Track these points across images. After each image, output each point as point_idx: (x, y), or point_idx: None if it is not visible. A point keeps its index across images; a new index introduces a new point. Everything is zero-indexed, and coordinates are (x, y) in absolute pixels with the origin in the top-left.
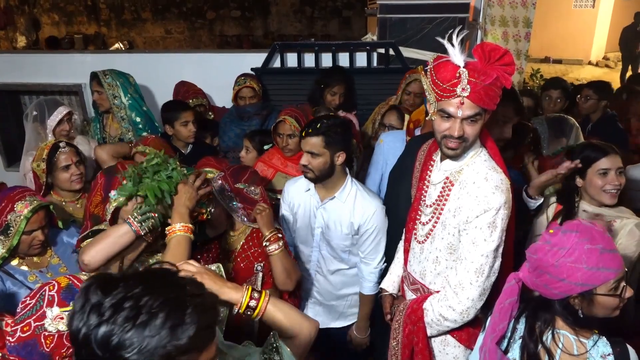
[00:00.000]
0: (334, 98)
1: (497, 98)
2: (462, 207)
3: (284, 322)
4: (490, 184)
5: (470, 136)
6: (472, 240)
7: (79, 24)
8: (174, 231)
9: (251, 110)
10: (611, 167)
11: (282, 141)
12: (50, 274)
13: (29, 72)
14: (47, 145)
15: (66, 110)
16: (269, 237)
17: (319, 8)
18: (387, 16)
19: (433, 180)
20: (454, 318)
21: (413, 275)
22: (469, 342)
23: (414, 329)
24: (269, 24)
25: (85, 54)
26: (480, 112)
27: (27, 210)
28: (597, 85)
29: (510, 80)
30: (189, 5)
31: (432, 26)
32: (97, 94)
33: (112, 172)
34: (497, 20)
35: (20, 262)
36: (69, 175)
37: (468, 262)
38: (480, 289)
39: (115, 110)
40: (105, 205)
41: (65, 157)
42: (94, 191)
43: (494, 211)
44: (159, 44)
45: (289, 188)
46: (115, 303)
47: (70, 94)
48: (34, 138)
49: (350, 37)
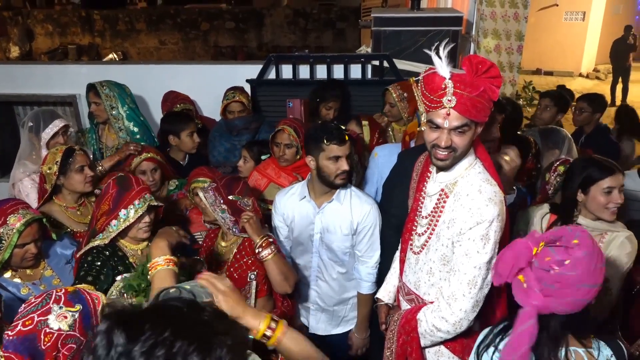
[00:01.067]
0: (329, 112)
1: (487, 110)
2: (455, 219)
3: (296, 353)
4: (483, 196)
5: (459, 147)
6: (465, 252)
7: (72, 35)
8: (156, 265)
9: (240, 124)
10: (615, 186)
11: (280, 150)
12: (43, 286)
13: (23, 83)
14: (59, 150)
15: (62, 123)
16: (260, 243)
17: (313, 20)
18: (381, 29)
19: (429, 191)
20: (447, 329)
21: (408, 286)
22: (462, 353)
23: (407, 339)
24: (262, 35)
25: (80, 64)
26: (467, 123)
27: (19, 224)
28: (592, 98)
29: (497, 92)
30: (183, 17)
31: (426, 39)
32: (95, 105)
33: (125, 186)
34: (489, 33)
35: (13, 274)
36: (83, 176)
37: (461, 273)
38: (472, 301)
39: (113, 121)
40: (109, 218)
41: (81, 158)
42: (104, 197)
43: (487, 223)
44: (153, 55)
45: (280, 199)
46: (147, 351)
47: (65, 105)
48: (27, 148)
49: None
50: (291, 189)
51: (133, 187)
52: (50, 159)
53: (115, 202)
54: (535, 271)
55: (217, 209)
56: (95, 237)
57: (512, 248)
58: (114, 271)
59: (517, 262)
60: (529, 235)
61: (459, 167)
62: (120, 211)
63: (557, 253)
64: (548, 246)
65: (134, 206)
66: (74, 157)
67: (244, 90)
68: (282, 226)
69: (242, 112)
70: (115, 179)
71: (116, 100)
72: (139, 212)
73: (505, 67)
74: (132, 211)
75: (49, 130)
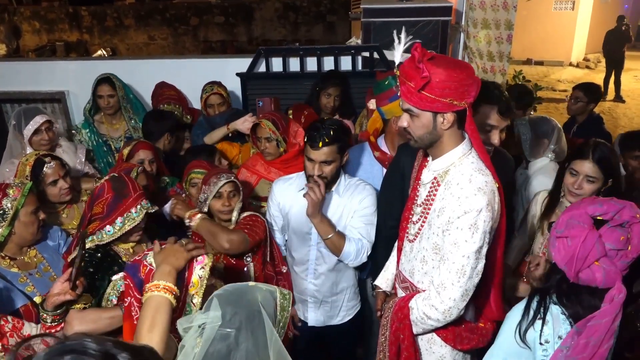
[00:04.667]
0: (329, 100)
1: (432, 102)
2: (445, 208)
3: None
4: (472, 186)
5: (414, 131)
6: (454, 241)
7: (60, 32)
8: (154, 289)
9: (220, 120)
10: (580, 172)
11: (261, 144)
12: (39, 275)
13: (11, 80)
14: (28, 161)
15: (42, 119)
16: (188, 215)
17: (303, 13)
18: (370, 20)
19: (423, 180)
20: (437, 317)
21: (403, 274)
22: (454, 342)
23: (400, 326)
24: (252, 29)
25: (68, 61)
26: (410, 109)
27: (20, 192)
28: (588, 87)
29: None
30: (172, 12)
31: (416, 29)
32: (109, 97)
33: (122, 193)
34: (479, 23)
35: (10, 263)
36: (57, 189)
37: (450, 262)
38: (462, 290)
39: (124, 112)
40: (104, 223)
41: (52, 172)
42: (98, 200)
43: (475, 212)
44: (143, 51)
45: (279, 188)
46: None
47: (54, 102)
48: (13, 147)
49: (335, 41)
50: (290, 178)
51: (130, 194)
52: (20, 172)
53: (111, 208)
54: (611, 253)
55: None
56: (86, 240)
57: (578, 241)
58: (109, 271)
59: (593, 253)
60: (582, 224)
61: (450, 155)
62: (116, 218)
63: (624, 231)
64: (613, 227)
65: (130, 214)
66: (44, 172)
67: (221, 84)
68: (277, 215)
69: (221, 104)
70: (111, 183)
71: (124, 91)
72: (136, 220)
73: (495, 57)
74: (128, 220)
75: (30, 127)
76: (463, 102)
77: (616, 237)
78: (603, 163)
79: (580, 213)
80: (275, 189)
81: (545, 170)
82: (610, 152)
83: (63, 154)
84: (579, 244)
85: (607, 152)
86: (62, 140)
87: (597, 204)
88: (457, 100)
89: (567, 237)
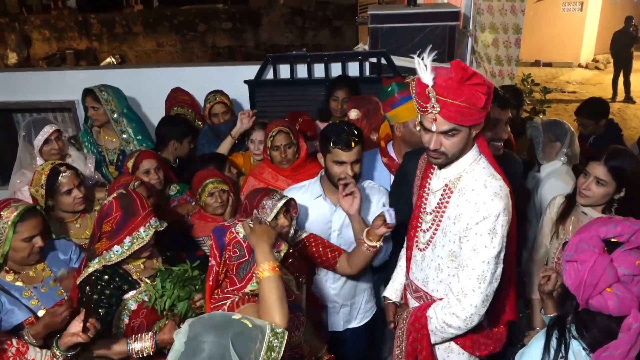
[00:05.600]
0: (337, 104)
1: (475, 115)
2: (461, 215)
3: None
4: (489, 191)
5: (448, 149)
6: (473, 247)
7: (70, 40)
8: (263, 272)
9: (225, 128)
10: (591, 173)
11: (280, 154)
12: (44, 289)
13: (21, 90)
14: (44, 170)
15: (52, 129)
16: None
17: (310, 18)
18: (378, 26)
19: (432, 187)
20: (458, 325)
21: (416, 283)
22: (472, 349)
23: (417, 337)
24: (260, 34)
25: (77, 70)
26: (455, 128)
27: (13, 216)
28: (588, 111)
29: (482, 99)
30: (180, 18)
31: (423, 34)
32: (93, 109)
33: (131, 211)
34: (487, 27)
35: (15, 278)
36: (72, 198)
37: (469, 269)
38: (483, 296)
39: (114, 125)
40: (112, 243)
41: (67, 181)
42: (107, 218)
43: (493, 217)
44: (151, 57)
45: (293, 196)
46: None
47: (63, 111)
48: (24, 157)
49: (342, 46)
50: (302, 186)
51: (139, 213)
52: (36, 181)
53: (120, 226)
54: (625, 278)
55: None
56: (92, 261)
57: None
58: (119, 292)
59: (604, 279)
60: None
61: (461, 162)
62: (125, 238)
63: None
64: (628, 250)
65: (139, 234)
66: (59, 181)
67: (223, 92)
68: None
69: (225, 113)
70: (119, 201)
71: (115, 103)
72: (144, 240)
73: (503, 61)
74: (137, 239)
75: (40, 137)
76: (487, 110)
77: (631, 262)
78: (616, 169)
79: (591, 235)
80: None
81: (558, 174)
82: (629, 160)
83: (73, 163)
84: (587, 270)
85: (626, 159)
86: (71, 150)
87: (610, 224)
88: (487, 109)
89: (577, 261)
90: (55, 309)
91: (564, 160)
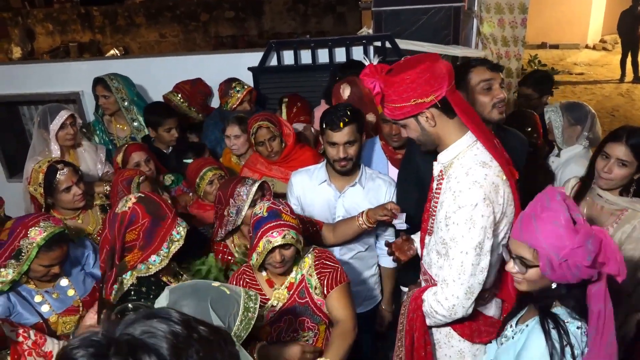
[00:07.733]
0: None
1: (402, 108)
2: (443, 203)
3: None
4: (469, 179)
5: (411, 136)
6: (452, 236)
7: (73, 33)
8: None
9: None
10: (612, 155)
11: (266, 148)
12: (56, 295)
13: (26, 83)
14: (41, 168)
15: (67, 113)
16: None
17: (312, 5)
18: (381, 9)
19: (434, 172)
20: (443, 313)
21: (424, 266)
22: (472, 337)
23: (413, 316)
24: (262, 23)
25: (81, 61)
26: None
27: (40, 238)
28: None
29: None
30: (182, 9)
31: (427, 17)
32: (104, 98)
33: (159, 215)
34: (492, 7)
35: (27, 279)
36: (71, 196)
37: (450, 258)
38: (464, 287)
39: (125, 113)
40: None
41: (65, 178)
42: (133, 226)
43: (469, 207)
44: (154, 49)
45: (297, 181)
46: None
47: (68, 102)
48: (38, 144)
49: (345, 32)
50: (307, 171)
51: (167, 215)
52: (34, 179)
53: (151, 234)
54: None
55: None
56: (125, 276)
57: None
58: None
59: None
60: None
61: (454, 147)
62: (162, 245)
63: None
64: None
65: (172, 237)
66: (57, 178)
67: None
68: (297, 208)
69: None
70: (144, 207)
71: (126, 92)
72: (180, 242)
73: (509, 42)
74: (172, 243)
75: (56, 122)
76: (432, 95)
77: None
78: (638, 148)
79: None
80: (294, 182)
81: (579, 158)
82: None
83: (84, 152)
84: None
85: None
86: (83, 140)
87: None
88: (423, 97)
89: None
90: None
91: (585, 144)
